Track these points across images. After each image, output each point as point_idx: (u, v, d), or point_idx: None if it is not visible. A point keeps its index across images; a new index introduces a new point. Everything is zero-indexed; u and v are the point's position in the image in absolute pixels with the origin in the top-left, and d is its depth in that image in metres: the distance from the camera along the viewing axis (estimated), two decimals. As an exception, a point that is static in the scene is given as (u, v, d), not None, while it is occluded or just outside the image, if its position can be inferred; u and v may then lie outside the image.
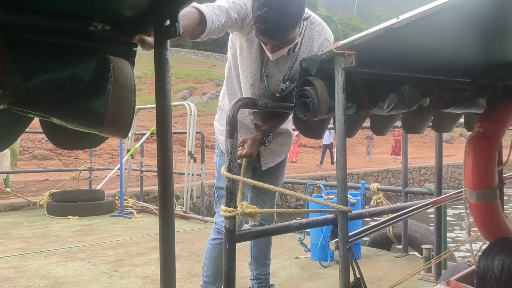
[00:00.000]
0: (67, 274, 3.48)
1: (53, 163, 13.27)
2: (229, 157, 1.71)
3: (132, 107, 1.14)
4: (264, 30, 1.86)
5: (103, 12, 1.15)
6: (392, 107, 1.84)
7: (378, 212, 2.32)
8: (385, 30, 1.43)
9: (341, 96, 1.57)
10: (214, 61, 37.85)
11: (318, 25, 2.13)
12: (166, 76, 1.15)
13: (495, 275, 1.41)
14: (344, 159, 1.60)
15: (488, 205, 1.89)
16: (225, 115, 2.41)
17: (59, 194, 6.16)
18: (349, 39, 1.54)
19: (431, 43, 1.68)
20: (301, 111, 1.69)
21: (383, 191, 4.17)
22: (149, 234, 4.94)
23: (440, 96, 1.96)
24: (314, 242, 3.80)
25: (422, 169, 16.91)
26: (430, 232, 4.13)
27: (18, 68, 1.00)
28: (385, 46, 1.62)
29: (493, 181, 1.89)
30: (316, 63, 1.62)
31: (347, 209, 1.62)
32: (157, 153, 1.16)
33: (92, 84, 1.10)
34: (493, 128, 1.89)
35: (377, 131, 2.06)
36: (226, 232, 1.66)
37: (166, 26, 1.15)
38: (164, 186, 1.16)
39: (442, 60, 1.91)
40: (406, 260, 3.86)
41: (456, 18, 1.42)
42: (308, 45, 2.12)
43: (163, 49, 1.16)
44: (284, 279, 3.33)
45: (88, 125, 1.12)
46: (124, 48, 1.23)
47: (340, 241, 1.63)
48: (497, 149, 1.92)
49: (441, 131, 2.31)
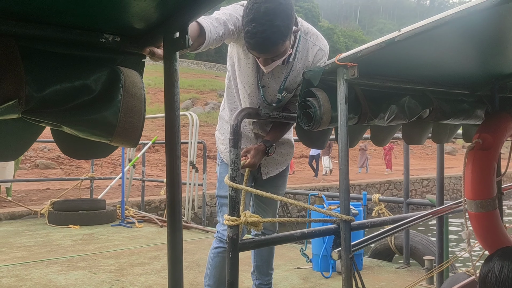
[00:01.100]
0: (69, 283, 3.47)
1: (55, 172, 13.25)
2: (233, 166, 1.73)
3: (142, 116, 1.17)
4: (254, 45, 1.90)
5: (113, 24, 1.18)
6: (393, 118, 1.87)
7: (380, 222, 2.35)
8: (387, 42, 1.47)
9: (343, 107, 1.60)
10: (217, 72, 38.03)
11: (312, 36, 2.16)
12: (175, 87, 1.18)
13: (495, 275, 1.47)
14: (346, 169, 1.63)
15: (487, 215, 1.92)
16: (226, 124, 2.47)
17: (60, 203, 6.13)
18: (352, 51, 1.57)
19: (431, 55, 1.72)
20: (304, 121, 1.72)
21: (384, 202, 4.17)
22: (150, 243, 4.94)
23: (440, 108, 2.00)
24: (316, 252, 3.80)
25: (425, 180, 16.93)
26: (432, 243, 4.12)
27: (32, 78, 1.03)
28: (386, 58, 1.65)
29: (492, 191, 1.92)
30: (319, 74, 1.65)
31: (349, 218, 1.64)
32: (166, 162, 1.18)
33: (103, 94, 1.12)
34: (492, 139, 1.93)
35: (378, 141, 2.09)
36: (229, 241, 1.67)
37: (175, 38, 1.18)
38: (172, 194, 1.18)
39: (441, 72, 1.95)
40: (408, 271, 3.87)
41: (455, 31, 1.47)
42: (303, 55, 2.16)
43: (172, 61, 1.19)
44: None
45: (99, 134, 1.14)
46: (133, 59, 1.26)
47: (343, 250, 1.65)
48: (496, 159, 1.95)
49: (440, 142, 2.34)
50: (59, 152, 14.49)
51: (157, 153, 16.65)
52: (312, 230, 1.94)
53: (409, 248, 3.99)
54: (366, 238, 1.88)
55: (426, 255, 3.66)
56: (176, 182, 1.18)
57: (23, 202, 7.46)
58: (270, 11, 1.85)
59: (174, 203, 1.18)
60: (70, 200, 6.48)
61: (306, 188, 10.83)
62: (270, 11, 1.85)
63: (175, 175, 1.18)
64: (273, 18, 1.85)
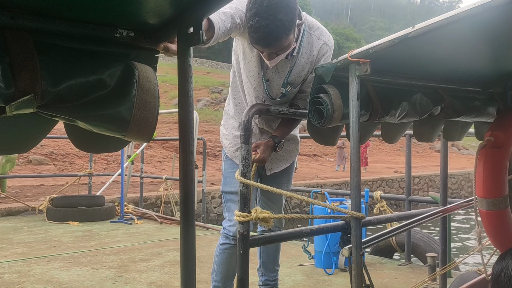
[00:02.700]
0: (71, 279, 3.48)
1: (48, 168, 13.23)
2: (244, 162, 1.72)
3: (156, 112, 1.17)
4: (257, 40, 1.91)
5: (128, 19, 1.18)
6: (404, 115, 1.86)
7: (386, 219, 2.33)
8: (400, 39, 1.45)
9: (355, 103, 1.59)
10: (209, 68, 37.82)
11: (316, 30, 2.16)
12: (189, 82, 1.18)
13: (508, 273, 1.45)
14: (358, 166, 1.62)
15: (499, 214, 1.90)
16: (230, 119, 2.46)
17: (59, 199, 6.14)
18: (364, 47, 1.56)
19: (443, 52, 1.71)
20: (315, 118, 1.71)
21: (386, 199, 4.19)
22: (150, 240, 4.95)
23: (451, 105, 1.98)
24: (318, 249, 3.82)
25: (416, 178, 17.03)
26: (433, 240, 4.17)
27: (48, 73, 1.03)
28: (398, 55, 1.64)
29: (504, 189, 1.90)
30: (331, 70, 1.64)
31: (360, 215, 1.64)
32: (179, 157, 1.18)
33: (118, 89, 1.12)
34: (504, 137, 1.91)
35: (388, 139, 2.08)
36: (240, 237, 1.66)
37: (189, 33, 1.18)
38: (185, 189, 1.18)
39: (453, 69, 1.93)
40: (410, 268, 3.89)
41: (469, 28, 1.45)
42: (307, 49, 2.15)
43: (187, 56, 1.18)
44: (289, 286, 3.35)
45: (113, 129, 1.14)
46: (147, 54, 1.26)
47: (354, 248, 1.64)
48: (508, 157, 1.93)
49: (451, 140, 2.32)
50: (52, 148, 14.43)
51: (150, 150, 16.59)
52: (321, 226, 1.94)
53: (411, 245, 4.01)
54: (378, 235, 1.88)
55: (428, 252, 3.69)
56: (189, 178, 1.18)
57: (18, 198, 7.48)
58: (273, 5, 1.85)
59: (188, 199, 1.18)
60: (69, 197, 6.50)
61: (300, 185, 10.82)
62: (273, 5, 1.85)
63: (189, 170, 1.18)
64: (276, 12, 1.85)
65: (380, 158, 23.27)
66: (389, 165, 20.48)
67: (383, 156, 24.81)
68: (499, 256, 1.59)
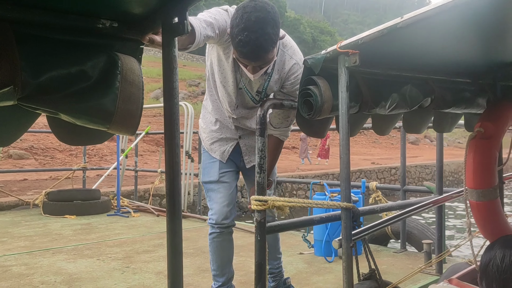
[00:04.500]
0: (80, 270, 3.51)
1: (29, 162, 13.06)
2: (260, 154, 1.76)
3: (140, 104, 1.15)
4: (246, 54, 1.94)
5: (111, 9, 1.15)
6: (394, 106, 1.85)
7: (388, 208, 2.51)
8: (389, 29, 1.44)
9: (344, 95, 1.58)
10: (184, 61, 37.36)
11: (290, 49, 2.22)
12: (174, 74, 1.16)
13: (496, 263, 1.46)
14: (347, 158, 1.62)
15: (489, 204, 1.91)
16: (208, 114, 2.55)
17: (55, 194, 6.15)
18: (353, 38, 1.55)
19: (433, 43, 1.70)
20: (305, 110, 1.70)
21: (381, 189, 4.27)
22: (151, 232, 4.97)
23: (441, 96, 1.98)
24: (318, 238, 3.92)
25: (393, 169, 17.32)
26: (427, 228, 4.27)
27: (28, 64, 1.01)
28: (388, 46, 1.63)
29: (494, 180, 1.91)
30: (320, 62, 1.63)
31: (350, 206, 1.63)
32: (165, 151, 1.16)
33: (101, 81, 1.10)
34: (493, 128, 1.91)
35: (379, 130, 2.07)
36: (257, 225, 1.73)
37: (174, 23, 1.15)
38: (172, 183, 1.16)
39: (443, 60, 1.93)
40: (406, 255, 3.99)
41: (458, 18, 1.44)
42: (280, 66, 2.21)
43: (171, 47, 1.16)
44: (292, 273, 3.43)
45: (97, 121, 1.12)
46: (131, 45, 1.23)
47: (344, 239, 1.64)
48: (497, 148, 1.93)
49: (442, 131, 2.32)
50: (32, 142, 14.26)
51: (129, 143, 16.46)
52: (329, 214, 2.00)
53: (406, 233, 4.12)
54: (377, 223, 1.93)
55: (422, 239, 3.78)
56: (175, 171, 1.16)
57: (2, 193, 7.43)
58: (261, 20, 1.90)
59: (174, 192, 1.16)
60: (65, 190, 6.49)
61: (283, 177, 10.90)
62: (261, 19, 1.90)
63: (174, 164, 1.16)
64: (264, 26, 1.91)
65: (356, 150, 23.46)
66: (365, 156, 20.75)
67: (359, 148, 24.99)
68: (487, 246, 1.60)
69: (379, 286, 1.98)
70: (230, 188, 2.45)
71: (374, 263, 1.70)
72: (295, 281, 3.20)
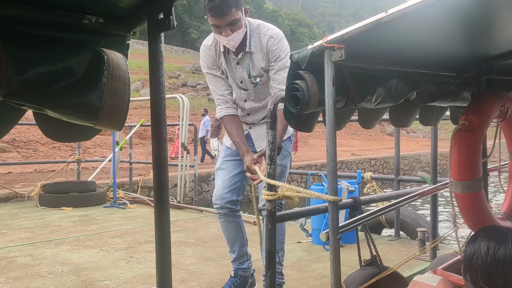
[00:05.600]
0: (85, 260, 3.55)
1: (12, 155, 12.94)
2: (270, 146, 1.84)
3: (127, 99, 1.15)
4: (211, 8, 2.25)
5: (96, 4, 1.16)
6: (380, 100, 1.87)
7: (387, 197, 2.67)
8: (374, 24, 1.46)
9: (331, 89, 1.60)
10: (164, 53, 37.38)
11: (263, 28, 2.54)
12: (160, 69, 1.16)
13: (481, 256, 1.46)
14: (334, 152, 1.63)
15: (473, 196, 1.94)
16: None
17: (51, 186, 6.17)
18: (339, 33, 1.56)
19: (418, 37, 1.72)
20: (292, 104, 1.71)
21: (376, 180, 4.41)
22: (149, 223, 5.01)
23: (427, 90, 2.00)
24: (315, 227, 4.04)
25: (372, 160, 17.64)
26: (420, 216, 4.43)
27: (13, 61, 1.01)
28: (374, 40, 1.65)
29: (478, 172, 1.94)
30: (307, 56, 1.64)
31: (337, 199, 1.65)
32: (152, 144, 1.17)
33: (87, 77, 1.10)
34: (478, 120, 1.94)
35: (365, 124, 2.09)
36: (268, 214, 1.83)
37: (160, 19, 1.16)
38: (159, 176, 1.17)
39: (428, 54, 1.95)
40: (400, 242, 4.13)
41: (442, 12, 1.46)
42: (257, 43, 2.53)
43: (157, 42, 1.17)
44: (292, 261, 3.54)
45: (83, 117, 1.13)
46: (117, 41, 1.24)
47: (331, 232, 1.66)
48: (481, 141, 1.96)
49: (428, 124, 2.35)
50: (14, 135, 14.11)
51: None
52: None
53: (399, 221, 4.25)
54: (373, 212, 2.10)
55: (416, 227, 3.89)
56: (162, 165, 1.17)
57: None
58: None
59: (161, 186, 1.17)
60: (61, 183, 6.53)
61: None
62: None
63: (162, 158, 1.17)
64: None
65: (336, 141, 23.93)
66: (345, 148, 21.12)
67: (338, 139, 25.19)
68: (470, 237, 1.62)
69: (380, 271, 2.04)
70: (229, 174, 2.67)
71: (375, 250, 1.79)
72: (296, 269, 3.35)
